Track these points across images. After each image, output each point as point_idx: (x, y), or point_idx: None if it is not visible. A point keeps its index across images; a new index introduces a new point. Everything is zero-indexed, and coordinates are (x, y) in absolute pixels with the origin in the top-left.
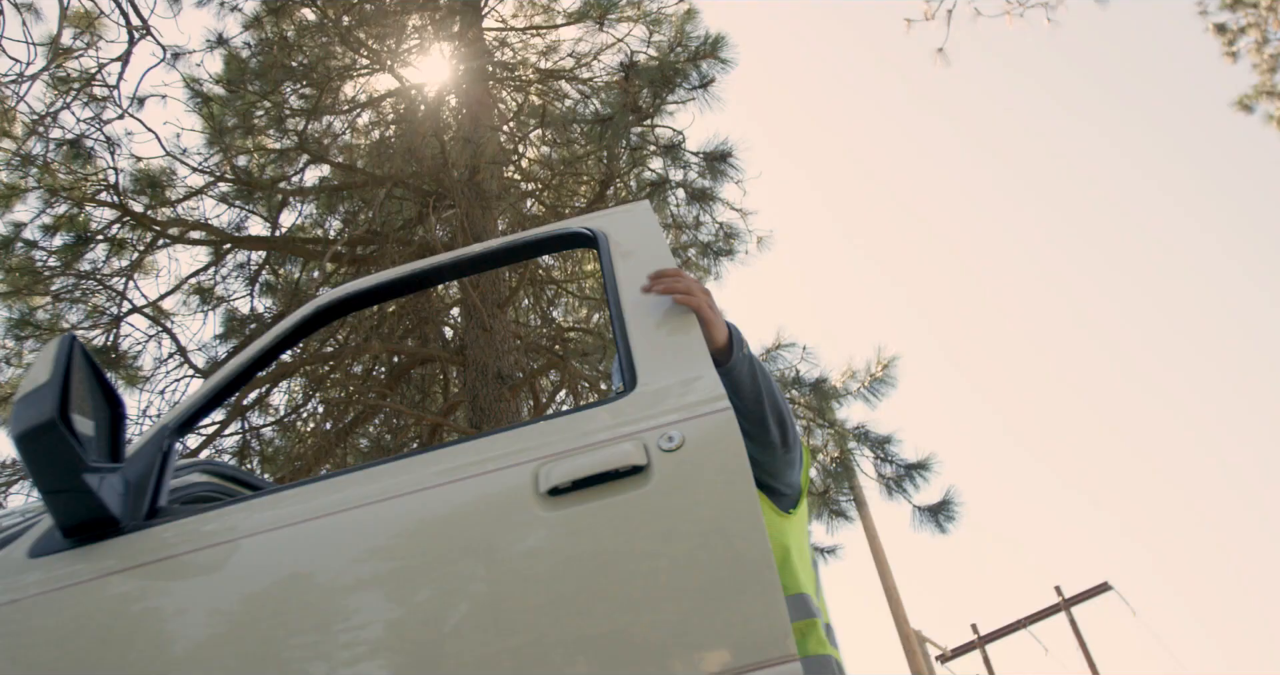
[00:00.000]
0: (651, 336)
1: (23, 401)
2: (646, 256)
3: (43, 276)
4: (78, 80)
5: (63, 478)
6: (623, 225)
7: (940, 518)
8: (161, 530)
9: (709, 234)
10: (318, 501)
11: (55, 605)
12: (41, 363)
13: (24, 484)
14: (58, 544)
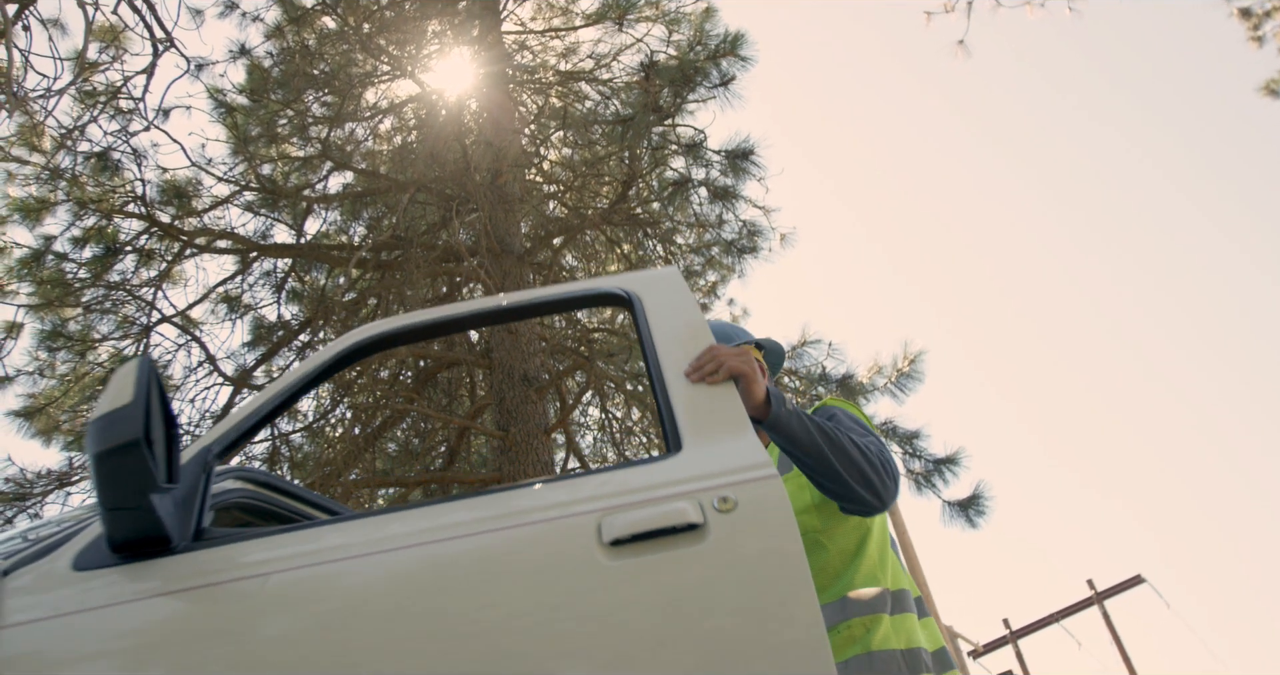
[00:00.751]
0: (691, 398)
1: (106, 420)
2: (680, 322)
3: (73, 288)
4: (104, 94)
5: (132, 496)
6: (655, 289)
7: (970, 512)
8: (210, 554)
9: (732, 232)
10: (374, 534)
11: (103, 622)
12: (122, 383)
13: (59, 494)
14: (104, 558)
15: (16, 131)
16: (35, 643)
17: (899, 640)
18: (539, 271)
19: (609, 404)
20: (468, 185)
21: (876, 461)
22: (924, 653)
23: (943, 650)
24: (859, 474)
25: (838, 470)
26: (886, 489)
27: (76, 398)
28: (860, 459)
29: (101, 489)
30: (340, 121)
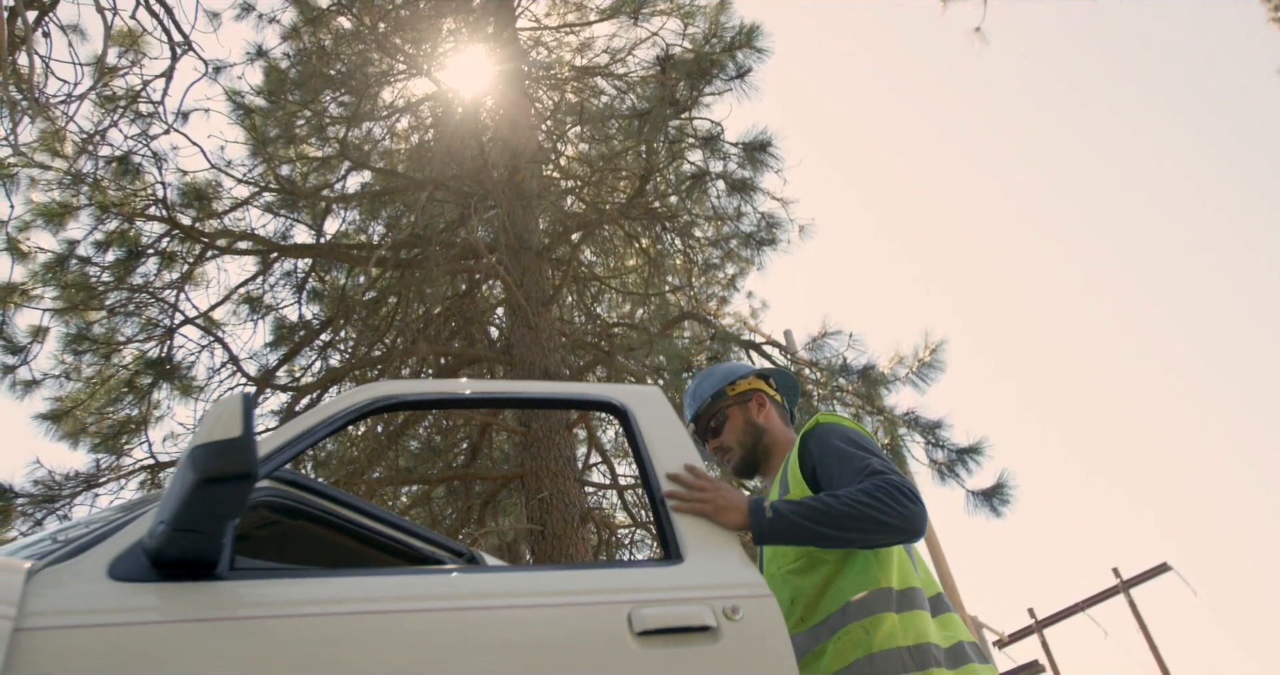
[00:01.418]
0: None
1: (215, 450)
2: (668, 442)
3: (97, 292)
4: (124, 98)
5: (210, 523)
6: (645, 404)
7: (994, 501)
8: (254, 587)
9: (751, 224)
10: (416, 589)
11: (145, 640)
12: (228, 415)
13: (87, 496)
14: (143, 571)
15: (39, 137)
16: (68, 650)
17: (906, 637)
18: (558, 267)
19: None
20: (485, 182)
21: (885, 499)
22: (934, 648)
23: (960, 645)
24: (877, 526)
25: (856, 539)
26: (909, 517)
27: (102, 400)
28: (867, 512)
29: (186, 511)
30: (358, 121)
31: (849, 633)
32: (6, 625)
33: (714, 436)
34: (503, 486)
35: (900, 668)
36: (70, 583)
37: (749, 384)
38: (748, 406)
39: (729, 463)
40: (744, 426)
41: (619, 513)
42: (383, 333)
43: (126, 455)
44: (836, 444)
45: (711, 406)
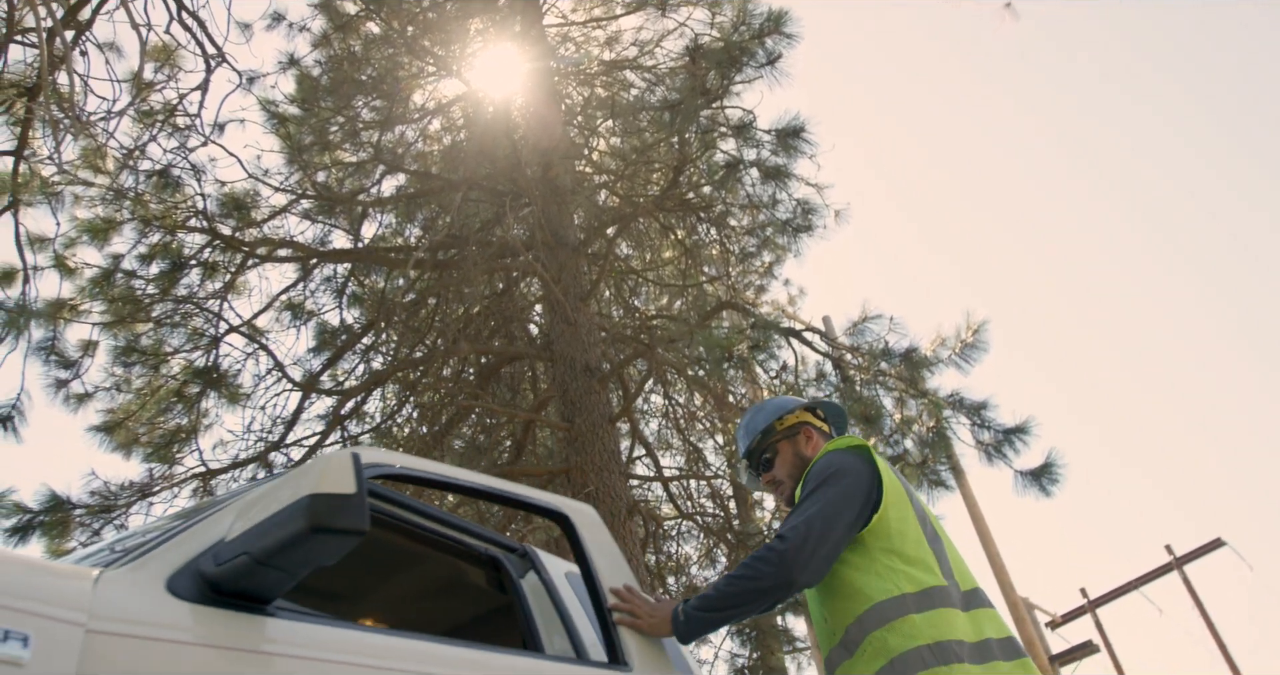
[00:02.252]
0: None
1: (331, 502)
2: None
3: (143, 304)
4: (161, 112)
5: (298, 566)
6: (583, 517)
7: (1043, 481)
8: (300, 627)
9: (786, 211)
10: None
11: (199, 662)
12: (341, 471)
13: (142, 505)
14: (199, 591)
15: (81, 155)
16: (129, 659)
17: (926, 636)
18: (594, 262)
19: (671, 390)
20: (519, 180)
21: (755, 567)
22: (956, 644)
23: (988, 642)
24: (760, 594)
25: (756, 607)
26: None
27: (153, 410)
28: (747, 585)
29: (280, 551)
30: (390, 125)
31: (872, 641)
32: (79, 630)
33: (766, 470)
34: (549, 482)
35: (920, 665)
36: (132, 593)
37: (797, 418)
38: (796, 440)
39: (781, 495)
40: (793, 460)
41: (664, 505)
42: (423, 334)
43: (178, 464)
44: (805, 484)
45: (763, 441)
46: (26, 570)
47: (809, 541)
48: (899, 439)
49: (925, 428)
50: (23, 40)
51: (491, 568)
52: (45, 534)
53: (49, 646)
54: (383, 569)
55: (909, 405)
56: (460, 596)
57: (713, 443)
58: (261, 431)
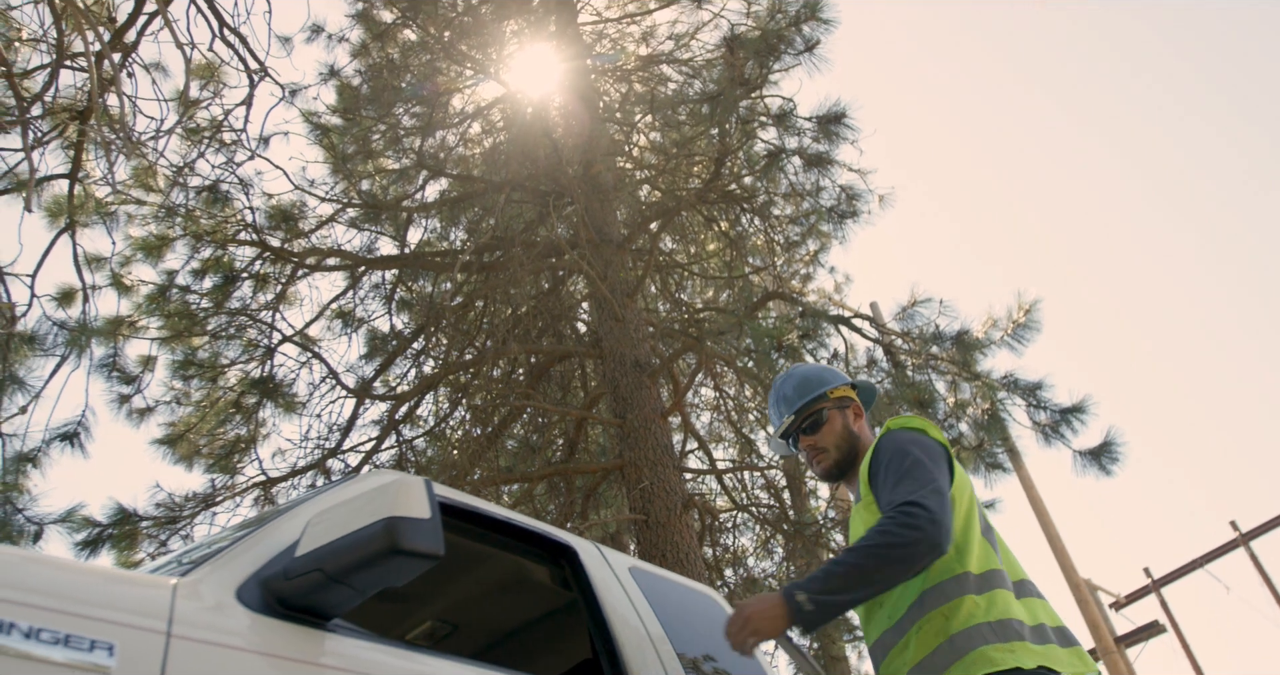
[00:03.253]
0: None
1: (414, 526)
2: (608, 585)
3: (198, 318)
4: (208, 129)
5: (370, 586)
6: (587, 550)
7: (1103, 460)
8: (361, 644)
9: (830, 198)
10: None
11: (267, 671)
12: (416, 496)
13: (206, 515)
14: (265, 603)
15: (132, 174)
16: (203, 665)
17: (988, 614)
18: (639, 257)
19: (721, 383)
20: (561, 179)
21: (902, 533)
22: (1017, 623)
23: (1043, 626)
24: (904, 563)
25: (895, 579)
26: (928, 545)
27: (212, 422)
28: (890, 552)
29: (355, 570)
30: (431, 130)
31: (929, 621)
32: (161, 638)
33: (809, 434)
34: (603, 479)
35: (981, 641)
36: (208, 602)
37: (846, 392)
38: (846, 413)
39: (819, 463)
40: (842, 431)
41: (719, 497)
42: (473, 336)
43: (239, 474)
44: (889, 459)
45: (814, 404)
46: (109, 581)
47: (945, 506)
48: (953, 423)
49: (980, 411)
50: (72, 65)
51: (557, 564)
52: (114, 547)
53: (133, 654)
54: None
55: (962, 389)
56: (526, 594)
57: (764, 434)
58: (318, 439)
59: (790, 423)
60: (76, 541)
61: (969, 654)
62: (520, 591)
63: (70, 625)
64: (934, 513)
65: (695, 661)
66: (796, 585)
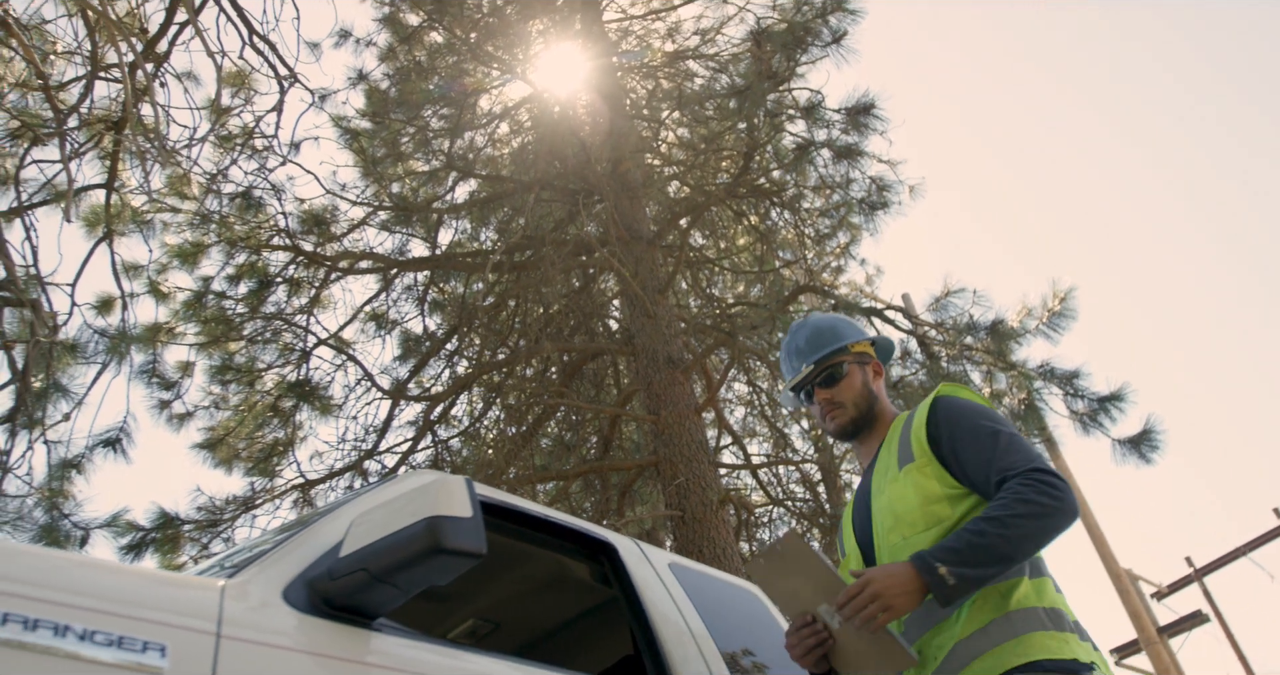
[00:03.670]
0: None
1: (456, 525)
2: (648, 582)
3: (235, 323)
4: (240, 136)
5: (413, 584)
6: (626, 545)
7: (1143, 448)
8: (405, 643)
9: (860, 190)
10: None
11: (315, 671)
12: (458, 495)
13: (246, 518)
14: (310, 603)
15: (167, 182)
16: (252, 666)
17: (1040, 600)
18: (669, 254)
19: (754, 378)
20: (589, 177)
21: (1047, 502)
22: (1066, 616)
23: (1078, 623)
24: (1048, 534)
25: (1034, 551)
26: (1070, 515)
27: (251, 426)
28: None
29: (399, 569)
30: (459, 132)
31: (984, 597)
32: (211, 639)
33: (825, 388)
34: (638, 475)
35: (1039, 625)
36: (255, 603)
37: (864, 347)
38: (866, 369)
39: (834, 420)
40: (861, 389)
41: (754, 492)
42: (505, 336)
43: (278, 476)
44: (970, 423)
45: (835, 357)
46: (159, 583)
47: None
48: None
49: (1016, 401)
50: (106, 76)
51: (596, 561)
52: (157, 550)
53: (184, 655)
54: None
55: (998, 379)
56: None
57: (799, 428)
58: (355, 441)
59: (808, 374)
60: (121, 546)
61: (1026, 636)
62: (560, 589)
63: (123, 627)
64: (1066, 483)
65: (737, 657)
66: (933, 556)
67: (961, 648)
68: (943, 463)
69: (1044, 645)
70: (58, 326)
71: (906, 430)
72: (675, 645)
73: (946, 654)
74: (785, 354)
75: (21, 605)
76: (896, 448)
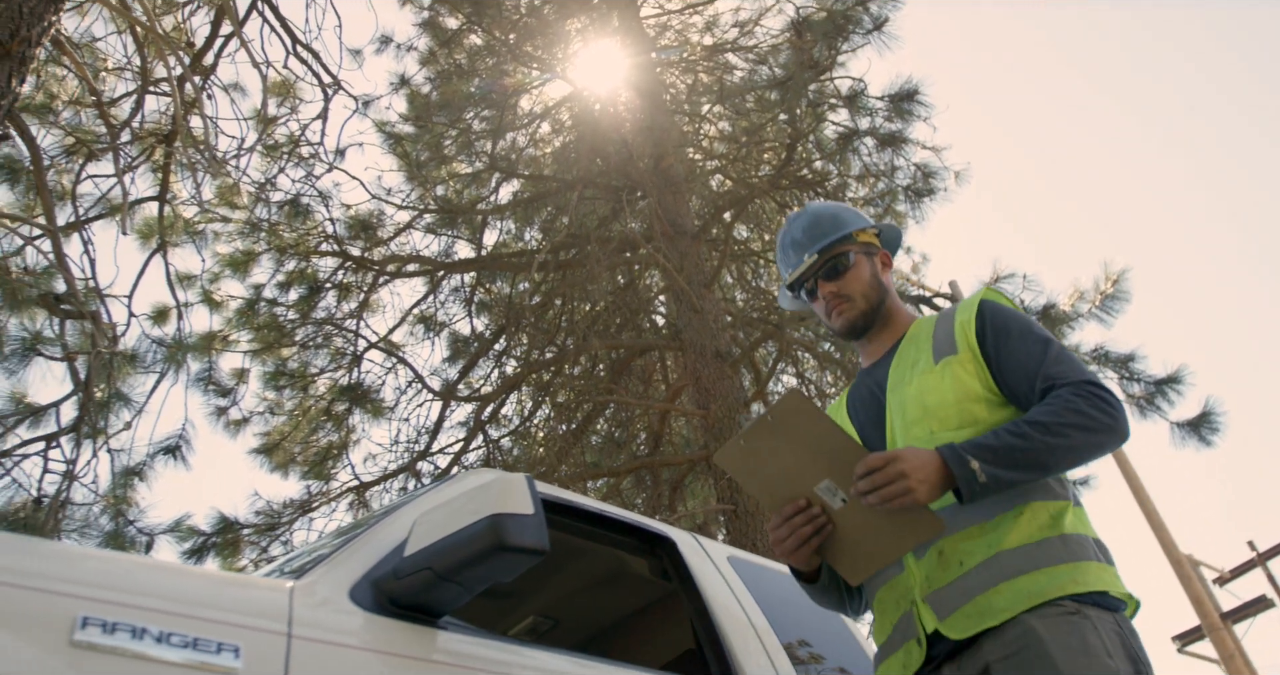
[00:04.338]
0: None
1: (518, 522)
2: (709, 574)
3: (287, 330)
4: (286, 144)
5: (478, 582)
6: (684, 539)
7: (1202, 431)
8: (470, 641)
9: (905, 177)
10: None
11: (385, 669)
12: (519, 493)
13: (303, 521)
14: (377, 602)
15: (217, 193)
16: (323, 665)
17: (1089, 530)
18: (714, 248)
19: (802, 369)
20: (632, 174)
21: (1099, 417)
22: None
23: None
24: (1092, 450)
25: (1071, 465)
26: (1121, 437)
27: (305, 430)
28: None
29: (463, 567)
30: (501, 133)
31: (1032, 510)
32: (283, 639)
33: (830, 280)
34: (689, 470)
35: (1095, 556)
36: (323, 603)
37: (870, 237)
38: (874, 260)
39: (842, 314)
40: (869, 280)
41: None
42: (552, 334)
43: (333, 479)
44: (1018, 326)
45: (839, 246)
46: (231, 586)
47: None
48: None
49: None
50: (156, 90)
51: (655, 555)
52: (218, 554)
53: (258, 655)
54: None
55: None
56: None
57: None
58: (408, 442)
59: (809, 265)
60: (183, 550)
61: (1083, 564)
62: (620, 583)
63: (197, 629)
64: (1121, 403)
65: (794, 648)
66: (965, 449)
67: (1008, 558)
68: (986, 364)
69: (1099, 577)
70: (117, 337)
71: (947, 324)
72: (737, 638)
73: (983, 561)
74: (782, 247)
75: (100, 609)
76: (929, 342)
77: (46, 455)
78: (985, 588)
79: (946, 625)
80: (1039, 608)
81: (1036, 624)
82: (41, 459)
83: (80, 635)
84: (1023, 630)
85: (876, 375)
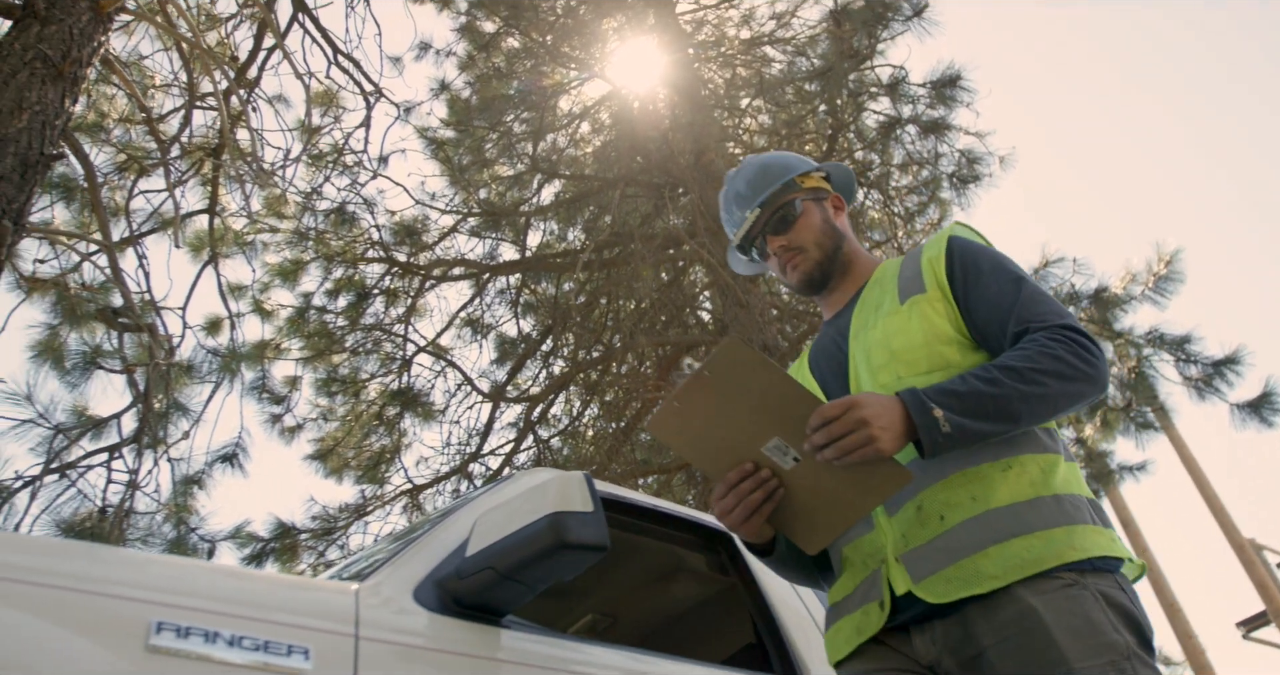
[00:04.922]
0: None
1: (579, 520)
2: (769, 572)
3: (336, 337)
4: (331, 153)
5: (540, 581)
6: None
7: (1264, 411)
8: (533, 639)
9: (949, 164)
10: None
11: (451, 669)
12: (579, 491)
13: (359, 525)
14: (440, 602)
15: (265, 203)
16: (391, 666)
17: (1082, 489)
18: None
19: None
20: (673, 170)
21: (1078, 366)
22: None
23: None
24: (1070, 400)
25: (1045, 417)
26: (1099, 388)
27: (358, 435)
28: (1061, 386)
29: (525, 566)
30: (541, 134)
31: (1021, 464)
32: (350, 641)
33: (778, 233)
34: None
35: (1089, 519)
36: (389, 605)
37: (817, 181)
38: (824, 205)
39: (797, 267)
40: (822, 227)
41: None
42: (599, 333)
43: (387, 483)
44: (990, 264)
45: (782, 195)
46: (298, 589)
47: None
48: None
49: (1125, 370)
50: (203, 105)
51: (713, 550)
52: (277, 559)
53: (327, 657)
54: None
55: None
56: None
57: None
58: (459, 444)
59: (754, 219)
60: (243, 556)
61: (1080, 527)
62: (679, 579)
63: (268, 632)
64: (1101, 350)
65: None
66: (928, 395)
67: (996, 518)
68: (956, 304)
69: (1096, 541)
70: (173, 349)
71: (913, 263)
72: (798, 632)
73: (969, 518)
74: (725, 204)
75: (173, 614)
76: (895, 283)
77: (110, 466)
78: (972, 550)
79: (922, 588)
80: (1033, 579)
81: (1035, 603)
82: (105, 470)
83: (155, 640)
84: (1020, 610)
85: (839, 324)
